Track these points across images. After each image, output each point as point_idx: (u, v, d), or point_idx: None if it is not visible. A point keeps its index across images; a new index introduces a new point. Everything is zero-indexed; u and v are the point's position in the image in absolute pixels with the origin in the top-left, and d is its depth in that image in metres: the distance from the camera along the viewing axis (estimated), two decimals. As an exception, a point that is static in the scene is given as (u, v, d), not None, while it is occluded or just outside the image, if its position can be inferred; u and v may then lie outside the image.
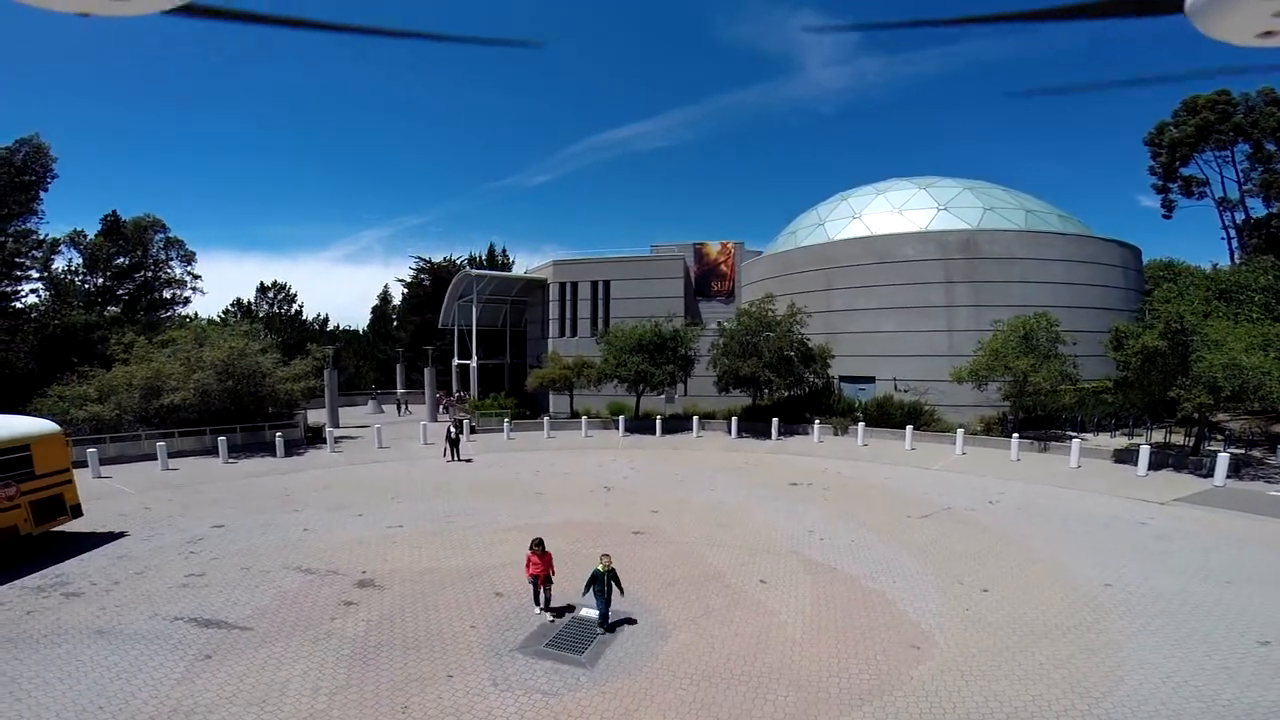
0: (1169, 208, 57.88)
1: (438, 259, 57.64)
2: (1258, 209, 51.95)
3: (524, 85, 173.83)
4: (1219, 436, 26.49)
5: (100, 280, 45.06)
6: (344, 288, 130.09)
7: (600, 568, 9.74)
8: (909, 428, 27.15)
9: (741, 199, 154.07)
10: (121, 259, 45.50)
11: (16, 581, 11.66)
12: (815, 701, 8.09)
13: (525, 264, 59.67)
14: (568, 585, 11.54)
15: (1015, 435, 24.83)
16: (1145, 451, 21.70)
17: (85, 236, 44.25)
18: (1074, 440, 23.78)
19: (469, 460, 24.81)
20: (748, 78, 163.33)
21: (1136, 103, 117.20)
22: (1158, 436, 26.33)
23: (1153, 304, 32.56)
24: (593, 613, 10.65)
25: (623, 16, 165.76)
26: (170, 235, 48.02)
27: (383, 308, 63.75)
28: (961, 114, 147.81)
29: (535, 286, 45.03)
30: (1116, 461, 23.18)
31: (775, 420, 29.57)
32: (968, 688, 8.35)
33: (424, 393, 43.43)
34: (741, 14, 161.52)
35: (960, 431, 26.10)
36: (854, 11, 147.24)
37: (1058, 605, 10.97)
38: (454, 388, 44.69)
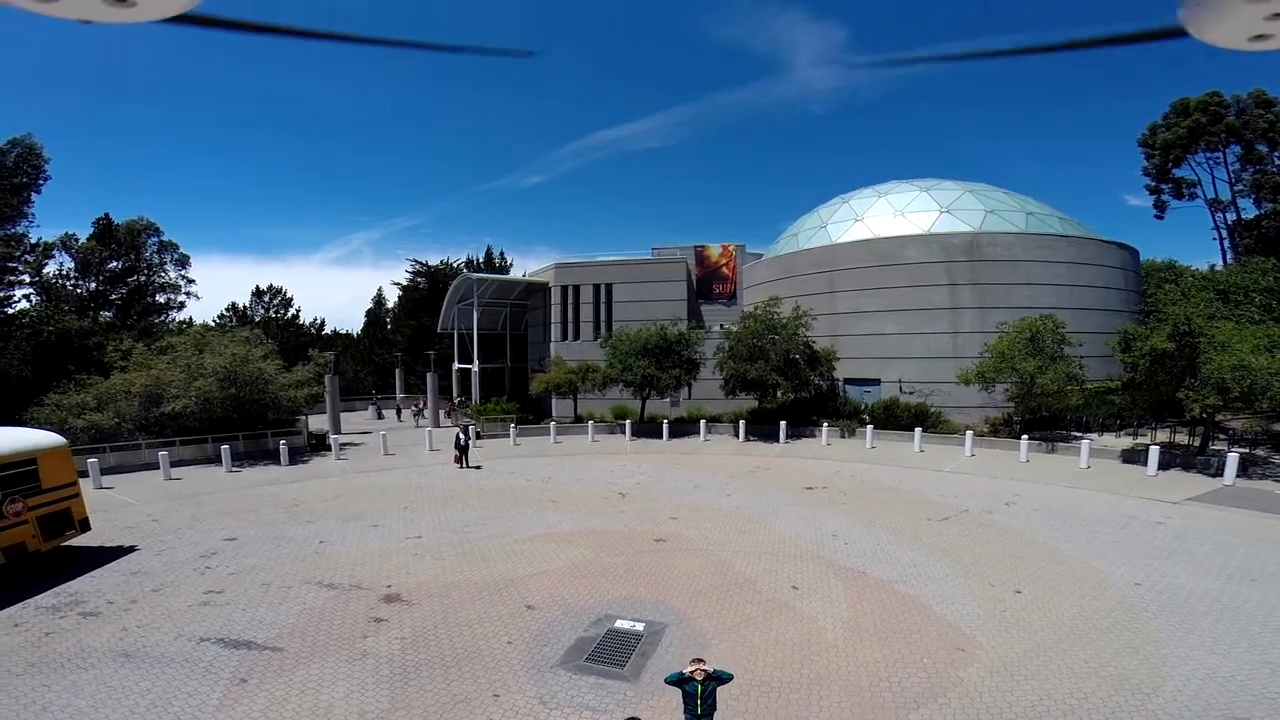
0: (1161, 208, 58.47)
1: (433, 261, 57.30)
2: (1249, 209, 52.64)
3: (515, 86, 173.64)
4: (1222, 436, 26.66)
5: (93, 285, 44.37)
6: (335, 290, 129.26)
7: (689, 672, 6.66)
8: (918, 430, 27.13)
9: (735, 200, 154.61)
10: (114, 263, 44.82)
11: (30, 600, 11.24)
12: (871, 706, 8.05)
13: (519, 266, 59.45)
14: (590, 599, 11.36)
15: (1025, 437, 24.87)
16: (1155, 452, 21.79)
17: (77, 240, 43.58)
18: (1083, 441, 23.83)
19: (478, 467, 24.52)
20: (738, 78, 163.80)
21: (1124, 101, 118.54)
22: (1161, 437, 26.48)
23: (1159, 306, 32.80)
24: (626, 623, 10.49)
25: (611, 16, 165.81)
26: (164, 239, 47.46)
27: (377, 311, 63.21)
28: (950, 113, 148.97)
29: (536, 289, 44.76)
30: (1124, 461, 23.29)
31: (783, 423, 29.48)
32: (1019, 687, 8.42)
33: (416, 398, 43.08)
34: (730, 14, 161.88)
35: (969, 433, 26.12)
36: (846, 14, 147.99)
37: (1092, 605, 11.09)
38: (454, 392, 44.31)
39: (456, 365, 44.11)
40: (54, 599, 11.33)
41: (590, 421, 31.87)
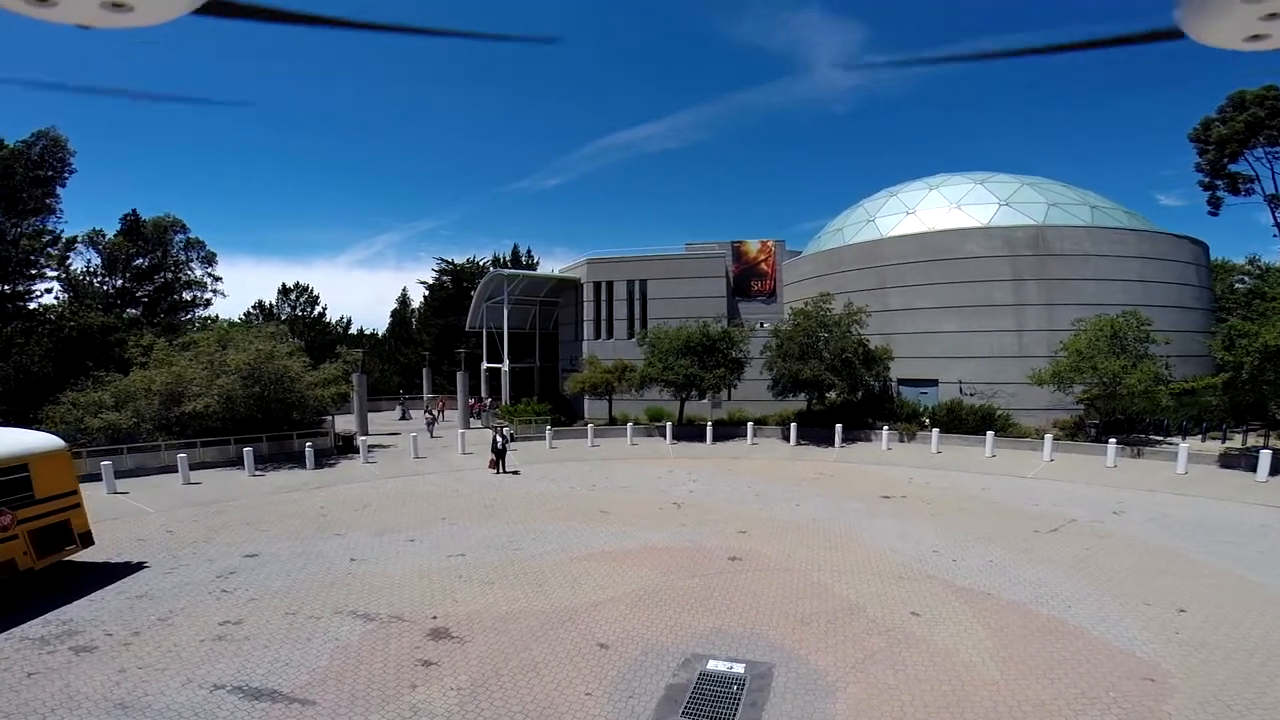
0: (1216, 205, 55.58)
1: (459, 260, 55.98)
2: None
3: (532, 88, 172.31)
4: (1313, 439, 24.33)
5: (119, 282, 43.66)
6: (358, 292, 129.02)
7: None
8: (989, 433, 24.96)
9: (758, 199, 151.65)
10: (141, 260, 44.09)
11: (15, 630, 9.50)
12: (1069, 762, 6.28)
13: (543, 267, 57.74)
14: (671, 634, 9.51)
15: (1112, 441, 22.67)
16: (1266, 457, 19.67)
17: (104, 236, 42.86)
18: (1180, 446, 21.60)
19: (516, 472, 22.79)
20: (756, 78, 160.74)
21: (1156, 101, 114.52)
22: (1252, 440, 24.33)
23: (1247, 303, 30.29)
24: (721, 665, 8.70)
25: (626, 16, 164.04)
26: (191, 236, 46.71)
27: (402, 311, 62.09)
28: (972, 109, 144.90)
29: (567, 286, 43.13)
30: (1223, 466, 21.18)
31: (839, 426, 27.42)
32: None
33: (438, 399, 41.55)
34: (745, 12, 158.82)
35: (1048, 438, 23.94)
36: (861, 13, 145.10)
37: (1277, 622, 9.53)
38: (483, 392, 42.79)
39: (486, 365, 42.63)
40: (43, 628, 9.60)
41: (629, 424, 30.05)
